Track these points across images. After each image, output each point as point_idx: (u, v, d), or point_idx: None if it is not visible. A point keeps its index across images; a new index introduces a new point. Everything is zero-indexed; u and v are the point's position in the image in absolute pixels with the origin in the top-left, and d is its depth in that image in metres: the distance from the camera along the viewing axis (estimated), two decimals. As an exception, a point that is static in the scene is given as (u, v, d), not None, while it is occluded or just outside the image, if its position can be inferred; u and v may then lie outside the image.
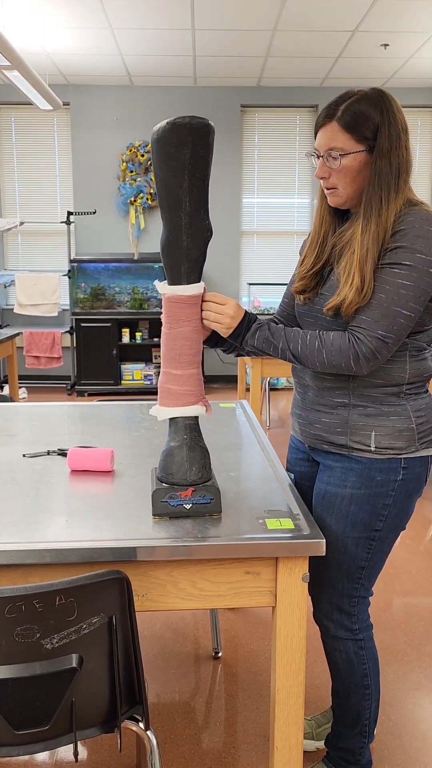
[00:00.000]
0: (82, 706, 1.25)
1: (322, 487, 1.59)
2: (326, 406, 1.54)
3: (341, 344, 1.40)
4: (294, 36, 5.14)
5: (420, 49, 5.43)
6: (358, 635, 1.62)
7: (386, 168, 1.40)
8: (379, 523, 1.53)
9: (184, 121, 1.29)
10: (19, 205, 6.85)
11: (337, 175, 1.44)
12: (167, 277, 1.43)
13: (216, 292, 1.51)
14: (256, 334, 1.47)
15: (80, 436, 2.04)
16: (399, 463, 1.50)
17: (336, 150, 1.41)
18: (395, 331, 1.38)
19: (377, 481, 1.50)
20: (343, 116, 1.39)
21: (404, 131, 1.42)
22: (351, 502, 1.53)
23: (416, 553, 3.12)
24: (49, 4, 4.48)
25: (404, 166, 1.42)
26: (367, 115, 1.39)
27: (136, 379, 6.60)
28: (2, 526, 1.37)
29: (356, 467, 1.52)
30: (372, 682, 1.64)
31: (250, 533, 1.33)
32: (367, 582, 1.59)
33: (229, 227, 6.84)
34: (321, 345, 1.42)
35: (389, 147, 1.39)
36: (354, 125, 1.39)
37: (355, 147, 1.40)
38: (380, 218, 1.40)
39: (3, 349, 4.85)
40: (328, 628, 1.63)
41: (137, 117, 6.63)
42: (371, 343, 1.38)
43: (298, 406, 1.65)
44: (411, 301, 1.37)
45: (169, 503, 1.39)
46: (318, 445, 1.59)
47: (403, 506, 1.54)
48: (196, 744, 1.90)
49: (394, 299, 1.37)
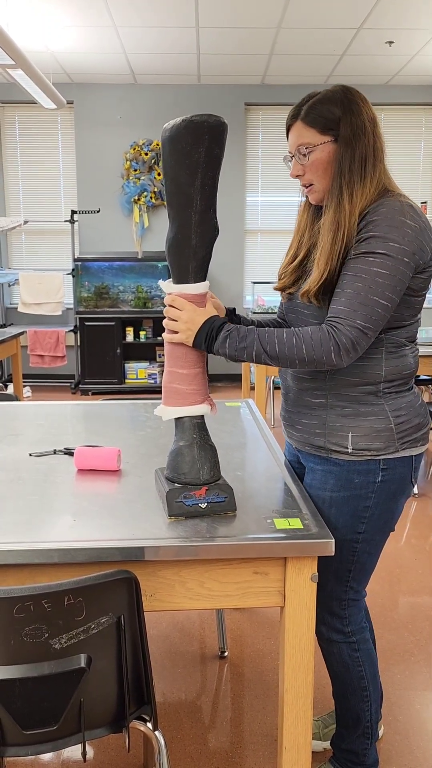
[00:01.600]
0: (90, 706, 1.24)
1: (305, 489, 1.59)
2: (306, 407, 1.54)
3: (321, 336, 1.35)
4: (298, 34, 5.12)
5: (425, 46, 5.41)
6: (351, 638, 1.60)
7: (348, 156, 1.40)
8: (360, 525, 1.51)
9: (201, 120, 1.28)
10: (22, 204, 6.85)
11: (310, 170, 1.46)
12: (173, 275, 1.43)
13: (177, 296, 1.41)
14: (226, 342, 1.39)
15: (85, 436, 2.03)
16: (378, 464, 1.48)
17: (303, 146, 1.44)
18: (374, 321, 1.35)
19: (355, 483, 1.49)
20: (307, 114, 1.43)
21: (369, 120, 1.42)
22: (331, 504, 1.52)
23: (422, 552, 3.11)
24: (52, 2, 4.47)
25: (371, 154, 1.41)
26: (329, 108, 1.41)
27: (140, 378, 6.60)
28: (10, 525, 1.37)
29: (335, 470, 1.51)
30: (369, 683, 1.63)
31: (258, 533, 1.32)
32: (357, 584, 1.58)
33: (233, 225, 6.83)
34: (300, 340, 1.37)
35: (351, 135, 1.40)
36: (316, 119, 1.42)
37: (320, 139, 1.43)
38: (341, 205, 1.39)
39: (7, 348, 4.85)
40: (321, 632, 1.62)
41: (141, 115, 6.62)
42: (350, 332, 1.34)
43: (283, 407, 1.65)
44: (388, 290, 1.35)
45: (185, 503, 1.39)
46: (301, 447, 1.58)
47: (386, 508, 1.51)
48: (203, 744, 1.89)
49: (371, 288, 1.34)
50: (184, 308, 1.41)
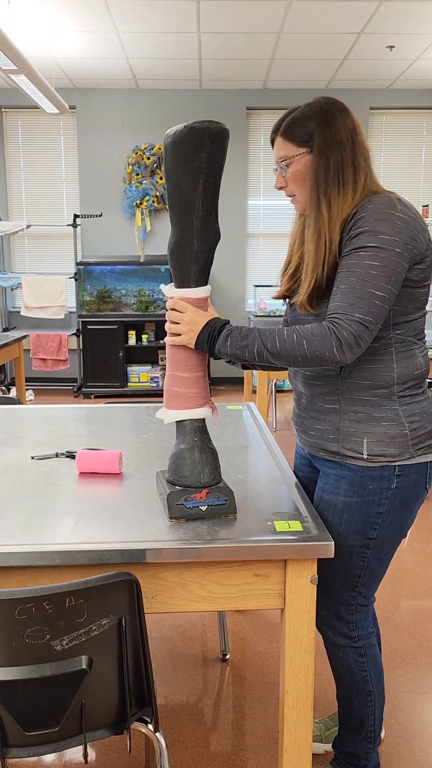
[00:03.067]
0: (91, 707, 1.25)
1: (318, 493, 1.58)
2: (319, 412, 1.54)
3: (322, 332, 1.34)
4: (299, 38, 5.14)
5: (426, 50, 5.43)
6: (357, 642, 1.60)
7: (323, 165, 1.43)
8: (372, 531, 1.51)
9: (203, 126, 1.29)
10: (25, 208, 6.88)
11: (291, 181, 1.50)
12: (175, 279, 1.44)
13: (179, 299, 1.43)
14: (228, 341, 1.39)
15: (87, 439, 2.04)
16: (392, 471, 1.47)
17: (282, 159, 1.49)
18: (373, 314, 1.34)
19: (369, 489, 1.48)
20: (284, 128, 1.48)
21: (346, 129, 1.44)
22: (344, 510, 1.51)
23: (424, 555, 3.11)
24: (55, 8, 4.50)
25: (348, 162, 1.43)
26: (303, 120, 1.46)
27: (142, 381, 6.61)
28: (11, 527, 1.37)
29: (348, 475, 1.50)
30: (374, 688, 1.62)
31: (259, 535, 1.33)
32: (365, 590, 1.57)
33: (235, 229, 6.84)
34: (300, 336, 1.36)
35: (325, 146, 1.43)
36: (292, 132, 1.46)
37: (297, 151, 1.46)
38: (320, 214, 1.42)
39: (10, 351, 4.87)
40: (328, 635, 1.62)
41: (143, 120, 6.65)
42: (351, 327, 1.33)
43: (295, 412, 1.65)
44: (383, 282, 1.35)
45: (185, 506, 1.40)
46: (314, 452, 1.58)
47: (399, 515, 1.51)
48: (204, 746, 1.90)
49: (365, 281, 1.34)
50: (186, 311, 1.42)
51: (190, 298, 1.42)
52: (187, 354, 1.45)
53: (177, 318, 1.43)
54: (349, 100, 1.50)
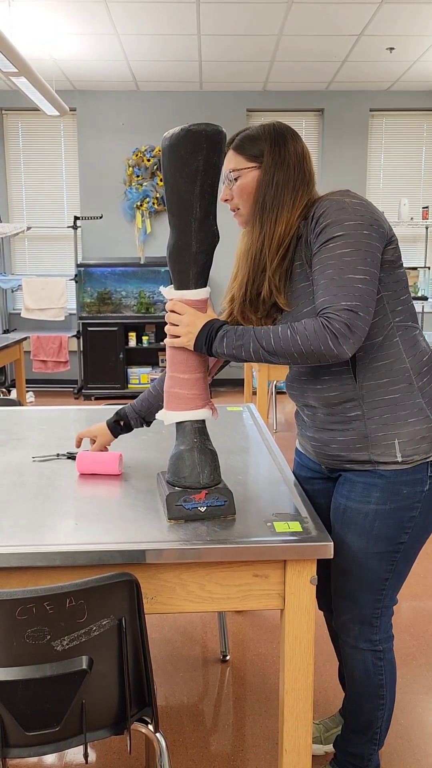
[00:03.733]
0: (92, 707, 1.26)
1: (342, 501, 1.53)
2: (340, 423, 1.49)
3: (315, 327, 1.31)
4: (299, 40, 5.15)
5: (426, 52, 5.44)
6: (378, 646, 1.58)
7: (267, 182, 1.46)
8: (404, 536, 1.48)
9: (199, 128, 1.30)
10: (26, 210, 6.89)
11: (237, 195, 1.52)
12: (174, 281, 1.44)
13: (178, 301, 1.44)
14: (224, 341, 1.39)
15: (87, 440, 2.05)
16: (426, 471, 1.46)
17: (231, 171, 1.51)
18: (358, 298, 1.31)
19: (403, 494, 1.45)
20: (237, 142, 1.51)
21: (294, 154, 1.47)
22: (375, 518, 1.47)
23: (424, 556, 3.12)
24: (55, 11, 4.51)
25: (290, 185, 1.46)
26: (256, 137, 1.48)
27: (142, 383, 6.62)
28: (12, 529, 1.38)
29: (380, 482, 1.46)
30: (387, 692, 1.61)
31: (258, 536, 1.33)
32: (392, 592, 1.55)
33: (235, 231, 6.81)
34: (294, 333, 1.33)
35: (272, 163, 1.46)
36: (243, 146, 1.49)
37: (245, 165, 1.49)
38: (255, 229, 1.48)
39: (10, 353, 4.88)
40: (348, 638, 1.59)
41: (143, 122, 6.66)
42: (341, 316, 1.30)
43: (307, 427, 1.59)
44: (359, 265, 1.33)
45: (184, 506, 1.40)
46: (337, 465, 1.53)
47: (429, 516, 1.49)
48: (204, 747, 1.90)
49: (342, 269, 1.33)
50: (184, 313, 1.42)
51: (189, 300, 1.43)
52: (186, 355, 1.46)
53: (176, 320, 1.43)
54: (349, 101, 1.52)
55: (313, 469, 1.67)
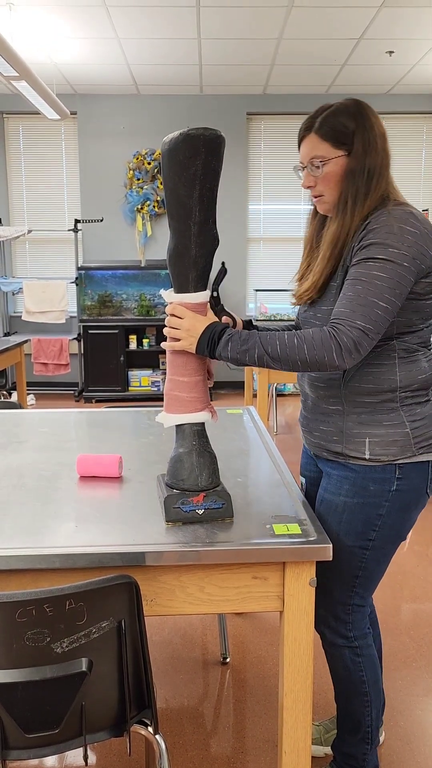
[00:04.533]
0: (91, 709, 1.26)
1: (321, 492, 1.61)
2: (323, 414, 1.56)
3: (322, 337, 1.36)
4: (299, 44, 5.17)
5: (425, 56, 5.45)
6: (354, 642, 1.61)
7: (358, 169, 1.44)
8: (372, 533, 1.52)
9: (198, 133, 1.31)
10: (26, 213, 6.90)
11: (321, 182, 1.49)
12: (174, 285, 1.45)
13: (178, 305, 1.44)
14: (228, 345, 1.40)
15: (88, 443, 2.05)
16: (394, 473, 1.49)
17: (317, 158, 1.47)
18: (374, 323, 1.36)
19: (371, 491, 1.50)
20: (321, 127, 1.46)
21: (380, 136, 1.46)
22: (344, 510, 1.53)
23: (424, 558, 3.12)
24: (56, 14, 4.53)
25: (377, 169, 1.45)
26: (343, 122, 1.45)
27: (143, 386, 6.63)
28: (12, 531, 1.39)
29: (351, 475, 1.52)
30: (370, 689, 1.64)
31: (258, 538, 1.34)
32: (363, 591, 1.59)
33: (235, 234, 6.86)
34: (301, 341, 1.37)
35: (363, 150, 1.44)
36: (331, 133, 1.45)
37: (334, 153, 1.46)
38: (344, 217, 1.45)
39: (11, 356, 4.88)
40: (325, 635, 1.64)
41: (144, 125, 6.68)
42: (351, 333, 1.35)
43: (302, 414, 1.67)
44: (386, 293, 1.36)
45: (182, 509, 1.41)
46: (318, 453, 1.61)
47: (399, 517, 1.52)
48: (204, 749, 1.90)
49: (369, 290, 1.37)
50: (184, 316, 1.43)
51: (189, 303, 1.44)
52: (186, 358, 1.46)
53: (176, 324, 1.44)
54: None
55: (310, 455, 1.74)
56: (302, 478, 1.79)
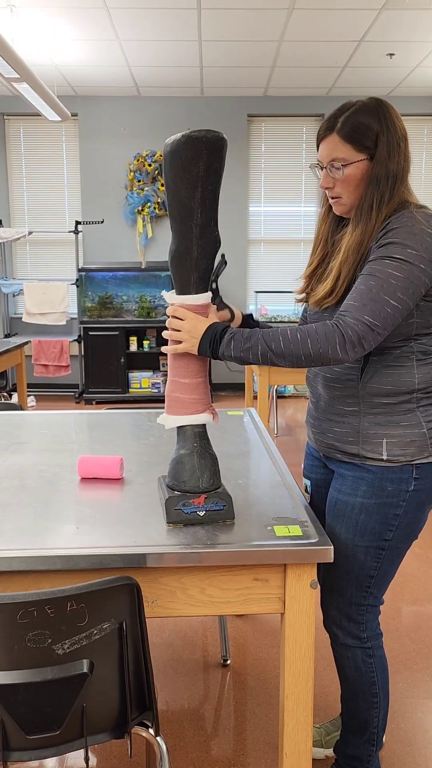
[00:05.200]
0: (92, 711, 1.26)
1: (334, 494, 1.59)
2: (338, 415, 1.55)
3: (326, 330, 1.35)
4: (300, 46, 5.18)
5: (426, 58, 5.46)
6: (367, 643, 1.62)
7: (383, 175, 1.42)
8: (389, 533, 1.52)
9: (200, 135, 1.31)
10: (27, 215, 6.91)
11: (341, 184, 1.47)
12: (176, 287, 1.45)
13: (179, 306, 1.43)
14: (231, 344, 1.39)
15: (89, 444, 2.05)
16: (411, 473, 1.49)
17: (338, 161, 1.45)
18: (382, 319, 1.34)
19: (388, 491, 1.50)
20: (343, 127, 1.43)
21: (403, 139, 1.44)
22: (361, 511, 1.52)
23: (426, 561, 3.12)
24: (57, 17, 4.54)
25: (400, 174, 1.44)
26: (366, 124, 1.42)
27: (143, 387, 6.63)
28: (14, 532, 1.39)
29: (367, 477, 1.51)
30: (380, 690, 1.64)
31: (259, 540, 1.34)
32: (377, 591, 1.59)
33: (236, 235, 6.87)
34: (305, 335, 1.36)
35: (387, 155, 1.42)
36: (354, 135, 1.42)
37: (356, 156, 1.43)
38: (368, 224, 1.43)
39: (11, 357, 4.89)
40: (337, 636, 1.63)
41: (145, 127, 6.68)
42: (357, 326, 1.33)
43: (311, 415, 1.65)
44: (399, 292, 1.35)
45: (183, 511, 1.41)
46: (331, 454, 1.59)
47: (414, 517, 1.53)
48: (205, 751, 1.90)
49: (383, 287, 1.35)
50: (186, 318, 1.42)
51: (190, 305, 1.44)
52: (187, 360, 1.46)
53: (177, 325, 1.43)
54: None
55: (316, 457, 1.73)
56: (306, 480, 1.78)
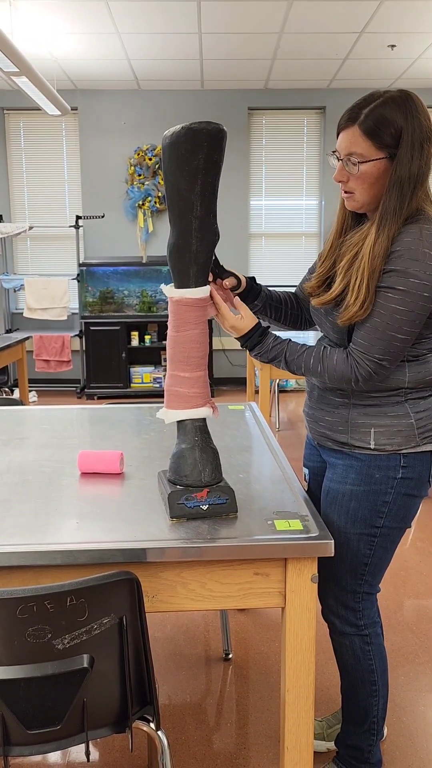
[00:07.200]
0: (93, 706, 1.26)
1: (326, 483, 1.62)
2: (329, 405, 1.58)
3: (344, 370, 1.44)
4: (301, 38, 5.15)
5: (427, 49, 5.43)
6: (364, 631, 1.63)
7: (406, 177, 1.36)
8: (379, 519, 1.55)
9: (200, 127, 1.30)
10: (28, 210, 6.90)
11: (356, 180, 1.41)
12: (174, 280, 1.44)
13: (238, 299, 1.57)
14: (257, 357, 1.54)
15: (90, 439, 2.05)
16: (398, 461, 1.52)
17: (356, 156, 1.38)
18: (391, 354, 1.41)
19: (376, 478, 1.53)
20: (366, 121, 1.35)
21: (428, 140, 1.36)
22: (351, 498, 1.55)
23: (427, 555, 3.12)
24: (56, 10, 4.51)
25: (422, 177, 1.39)
26: (390, 120, 1.34)
27: (145, 382, 6.62)
28: (14, 527, 1.38)
29: (356, 465, 1.54)
30: (379, 678, 1.65)
31: (259, 534, 1.34)
32: (372, 578, 1.61)
33: (237, 229, 6.85)
34: (324, 369, 1.47)
35: (410, 157, 1.35)
36: (375, 131, 1.35)
37: (375, 154, 1.37)
38: (384, 232, 1.39)
39: (13, 353, 4.88)
40: (335, 624, 1.65)
41: (145, 121, 6.66)
42: (369, 366, 1.42)
43: (306, 404, 1.69)
44: (405, 326, 1.39)
45: (186, 505, 1.40)
46: (323, 443, 1.62)
47: (404, 504, 1.55)
48: (207, 745, 1.90)
49: (388, 324, 1.39)
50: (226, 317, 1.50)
51: (190, 299, 1.43)
52: (187, 354, 1.46)
53: (219, 321, 1.51)
54: (351, 99, 1.46)
55: (314, 446, 1.75)
56: (305, 469, 1.81)
